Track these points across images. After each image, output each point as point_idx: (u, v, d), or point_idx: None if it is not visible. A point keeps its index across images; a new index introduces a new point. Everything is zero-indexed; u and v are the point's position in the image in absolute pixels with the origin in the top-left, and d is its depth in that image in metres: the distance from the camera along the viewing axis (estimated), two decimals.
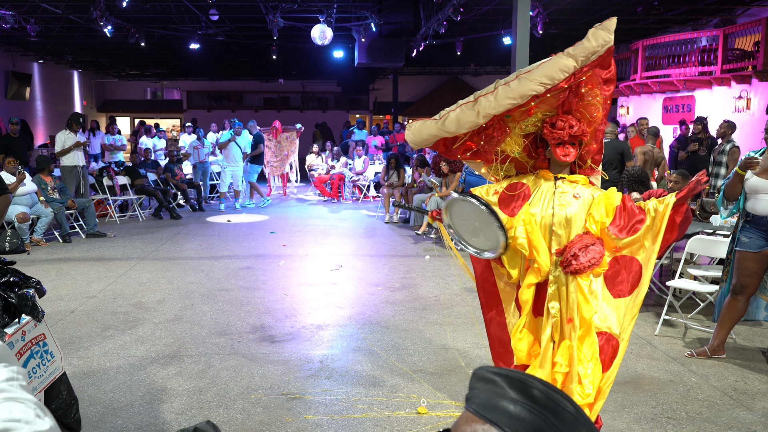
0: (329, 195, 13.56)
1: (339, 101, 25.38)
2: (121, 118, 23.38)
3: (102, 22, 11.75)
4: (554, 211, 2.94)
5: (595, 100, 2.90)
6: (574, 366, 2.87)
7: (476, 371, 0.91)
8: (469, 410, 0.88)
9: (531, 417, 0.83)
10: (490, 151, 3.10)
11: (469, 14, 12.27)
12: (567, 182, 2.99)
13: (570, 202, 2.93)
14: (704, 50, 13.25)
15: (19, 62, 18.13)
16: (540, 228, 2.95)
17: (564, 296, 2.91)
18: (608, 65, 2.89)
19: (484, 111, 2.90)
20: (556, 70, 2.79)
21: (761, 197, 4.04)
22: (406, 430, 3.42)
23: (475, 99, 2.95)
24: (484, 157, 3.17)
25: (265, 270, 7.14)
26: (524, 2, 7.86)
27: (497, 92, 2.88)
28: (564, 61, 2.79)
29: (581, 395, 2.86)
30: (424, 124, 3.13)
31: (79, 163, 9.81)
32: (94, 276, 6.80)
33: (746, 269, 4.18)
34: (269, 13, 12.37)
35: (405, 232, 9.60)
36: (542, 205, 2.97)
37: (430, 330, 5.08)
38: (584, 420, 0.85)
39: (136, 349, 4.61)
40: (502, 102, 2.86)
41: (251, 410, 3.64)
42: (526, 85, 2.81)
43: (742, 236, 4.20)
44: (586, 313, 2.86)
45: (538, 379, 0.87)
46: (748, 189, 4.11)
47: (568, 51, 2.81)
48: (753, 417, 3.58)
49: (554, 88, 2.82)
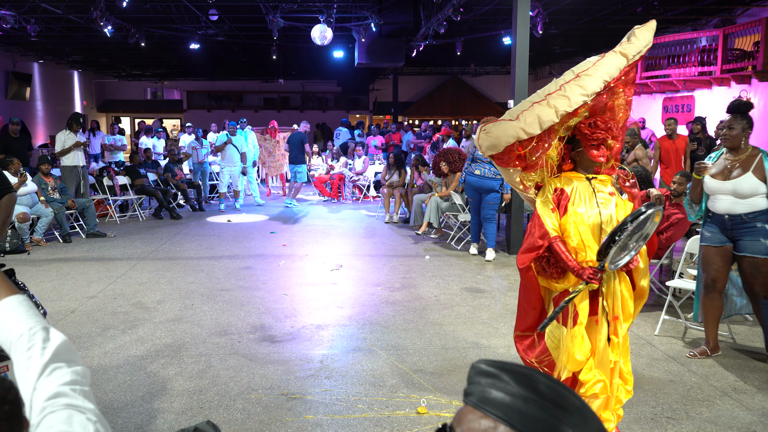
0: (329, 195, 13.56)
1: (339, 101, 25.37)
2: (121, 118, 23.39)
3: (102, 22, 11.74)
4: (600, 209, 2.96)
5: (623, 101, 2.94)
6: (618, 361, 2.96)
7: (475, 365, 0.90)
8: (471, 405, 0.86)
9: (540, 412, 0.81)
10: (541, 156, 2.98)
11: (469, 14, 12.26)
12: (599, 181, 3.03)
13: (609, 200, 2.99)
14: (704, 50, 13.24)
15: (20, 62, 18.12)
16: (589, 227, 2.96)
17: (613, 293, 2.96)
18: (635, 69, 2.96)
19: (561, 110, 2.84)
20: (614, 68, 2.81)
21: (719, 197, 4.28)
22: (406, 430, 3.42)
23: (545, 99, 2.87)
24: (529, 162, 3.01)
25: (265, 270, 7.14)
26: (524, 2, 7.85)
27: (569, 90, 2.83)
28: (620, 59, 2.83)
29: (625, 389, 2.97)
30: (504, 124, 2.92)
31: (80, 163, 9.82)
32: (94, 276, 6.80)
33: (713, 264, 4.38)
34: (269, 13, 12.36)
35: (405, 232, 9.60)
36: (586, 205, 2.98)
37: (430, 330, 5.08)
38: (590, 414, 0.84)
39: (137, 349, 4.61)
40: (576, 99, 2.84)
41: (251, 410, 3.64)
42: (593, 82, 2.82)
43: (705, 231, 4.42)
44: (630, 308, 2.95)
45: (542, 373, 0.86)
46: (707, 190, 4.38)
47: (619, 50, 2.83)
48: (753, 417, 3.58)
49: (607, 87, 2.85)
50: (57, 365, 1.11)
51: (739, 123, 4.17)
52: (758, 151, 4.19)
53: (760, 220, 4.13)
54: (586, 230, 2.94)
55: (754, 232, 4.13)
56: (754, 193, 4.11)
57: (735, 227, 4.21)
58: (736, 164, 4.19)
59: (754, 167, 4.12)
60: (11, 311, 1.20)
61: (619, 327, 2.94)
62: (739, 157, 4.19)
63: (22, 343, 1.14)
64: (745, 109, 4.21)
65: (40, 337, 1.15)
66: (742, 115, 4.19)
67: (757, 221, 4.13)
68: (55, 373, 1.10)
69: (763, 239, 4.11)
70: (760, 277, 4.16)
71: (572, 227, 2.96)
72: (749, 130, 4.19)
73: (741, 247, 4.20)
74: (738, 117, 4.19)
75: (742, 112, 4.19)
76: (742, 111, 4.20)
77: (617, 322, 2.93)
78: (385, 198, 10.92)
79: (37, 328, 1.17)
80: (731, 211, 4.20)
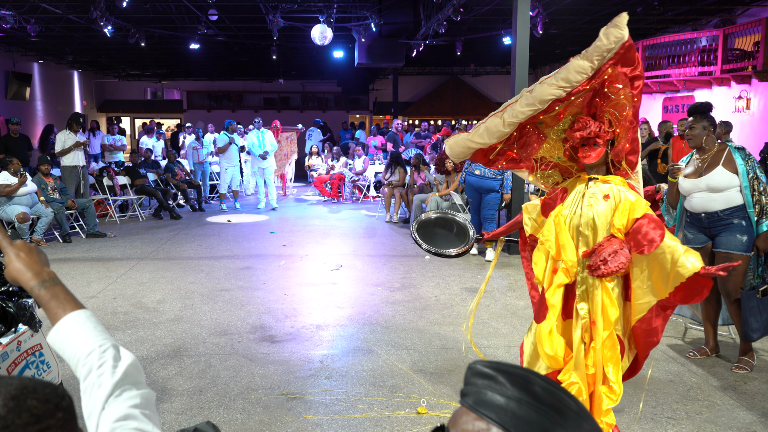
0: (329, 195, 13.56)
1: (339, 101, 25.36)
2: (122, 117, 23.39)
3: (102, 23, 11.74)
4: (582, 211, 2.94)
5: (623, 99, 2.87)
6: (599, 368, 2.89)
7: (472, 366, 0.89)
8: (466, 407, 0.86)
9: (535, 415, 0.81)
10: (530, 158, 3.15)
11: (469, 14, 12.26)
12: (599, 183, 2.98)
13: (598, 202, 2.92)
14: (704, 50, 13.24)
15: (19, 62, 18.11)
16: (569, 228, 2.96)
17: (591, 297, 2.92)
18: (632, 62, 2.84)
19: (508, 120, 2.96)
20: (573, 73, 2.81)
21: (694, 195, 4.31)
22: (406, 430, 3.42)
23: (502, 109, 3.02)
24: (526, 164, 3.22)
25: (265, 270, 7.14)
26: (524, 2, 7.85)
27: (519, 100, 2.92)
28: (580, 63, 2.80)
29: (609, 397, 2.90)
30: (458, 137, 3.24)
31: (80, 163, 9.81)
32: (94, 276, 6.80)
33: None
34: (269, 13, 12.36)
35: (405, 232, 9.60)
36: (572, 206, 2.99)
37: (430, 330, 5.08)
38: (586, 416, 0.83)
39: (136, 349, 4.61)
40: (524, 109, 2.90)
41: (251, 410, 3.64)
42: (545, 90, 2.84)
43: (687, 233, 4.44)
44: (611, 315, 2.87)
45: (539, 375, 0.85)
46: (682, 191, 4.40)
47: (583, 52, 2.82)
48: (753, 417, 3.58)
49: (575, 91, 2.83)
50: (127, 386, 1.10)
51: (700, 122, 4.26)
52: (725, 146, 4.26)
53: (736, 216, 4.16)
54: (562, 231, 2.95)
55: (730, 228, 4.17)
56: (728, 185, 4.15)
57: (712, 225, 4.25)
58: (706, 161, 4.26)
59: (723, 160, 4.19)
60: (79, 326, 1.17)
61: (596, 333, 2.88)
62: (707, 155, 4.27)
63: (92, 359, 1.12)
64: (704, 110, 4.30)
65: (111, 355, 1.13)
66: (701, 115, 4.28)
67: (734, 218, 4.16)
68: (125, 394, 1.09)
69: (739, 235, 4.14)
70: (734, 275, 4.16)
71: (551, 226, 3.00)
72: (711, 128, 4.27)
73: (717, 243, 4.24)
74: (698, 117, 4.28)
75: (701, 112, 4.29)
76: (701, 111, 4.29)
77: (594, 328, 2.89)
78: (385, 198, 10.92)
79: (107, 345, 1.15)
80: (707, 208, 4.23)
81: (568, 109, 2.94)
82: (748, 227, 4.14)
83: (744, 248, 4.14)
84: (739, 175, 4.13)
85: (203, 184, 13.04)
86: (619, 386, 2.91)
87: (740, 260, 4.11)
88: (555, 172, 3.24)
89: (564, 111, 2.94)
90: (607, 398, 2.89)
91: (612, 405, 2.90)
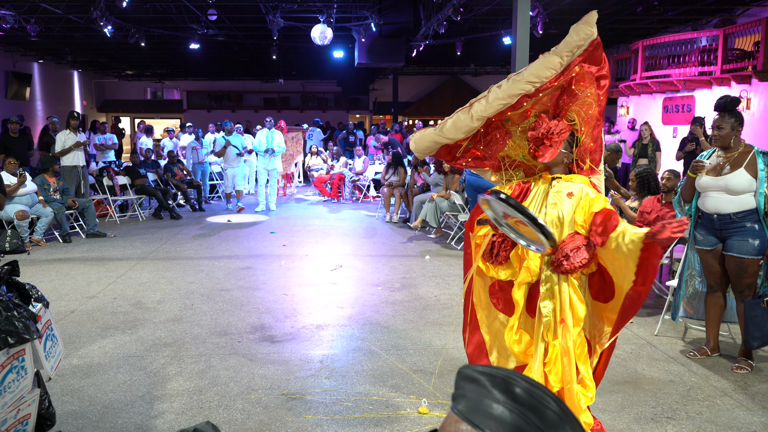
0: (329, 195, 13.56)
1: (339, 101, 25.39)
2: (121, 117, 23.38)
3: (102, 22, 11.75)
4: (546, 210, 2.92)
5: (589, 98, 2.88)
6: (572, 366, 2.84)
7: (461, 370, 0.90)
8: (454, 412, 0.87)
9: (512, 417, 0.81)
10: (495, 156, 3.14)
11: (469, 14, 12.27)
12: (563, 181, 2.96)
13: (563, 201, 2.90)
14: (704, 50, 13.23)
15: (19, 62, 18.12)
16: None
17: (557, 295, 2.88)
18: (599, 61, 2.86)
19: (477, 114, 2.96)
20: (542, 68, 2.84)
21: (710, 194, 4.21)
22: (406, 430, 3.42)
23: (470, 104, 3.02)
24: (490, 163, 3.20)
25: (265, 270, 7.14)
26: (524, 2, 7.86)
27: (489, 95, 2.94)
28: (550, 59, 2.83)
29: (584, 395, 2.85)
30: (425, 132, 3.19)
31: (79, 163, 9.82)
32: (94, 276, 6.80)
33: (709, 266, 4.36)
34: (269, 13, 12.37)
35: (405, 232, 9.60)
36: (535, 205, 2.97)
37: (430, 330, 5.08)
38: (568, 417, 0.83)
39: (137, 349, 4.61)
40: (492, 104, 2.92)
41: (251, 410, 3.64)
42: (515, 86, 2.87)
43: (697, 234, 4.39)
44: (579, 312, 2.84)
45: (521, 376, 0.85)
46: (699, 187, 4.29)
47: (553, 49, 2.85)
48: (753, 417, 3.58)
49: (544, 87, 2.85)
50: None
51: (728, 122, 4.10)
52: (751, 148, 4.14)
53: (748, 219, 4.09)
54: None
55: (742, 232, 4.10)
56: (747, 189, 4.06)
57: (724, 227, 4.18)
58: (729, 161, 4.14)
59: (746, 164, 4.08)
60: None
61: (566, 331, 2.84)
62: (731, 154, 4.14)
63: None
64: (732, 107, 4.12)
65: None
66: (729, 113, 4.11)
67: (746, 221, 4.09)
68: None
69: (751, 239, 4.08)
70: (747, 278, 4.15)
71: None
72: (739, 128, 4.12)
73: (728, 247, 4.17)
74: (726, 116, 4.11)
75: (730, 110, 4.12)
76: (729, 109, 4.12)
77: (563, 326, 2.85)
78: (385, 198, 10.92)
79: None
80: (720, 210, 4.15)
81: (535, 106, 2.95)
82: (761, 231, 4.07)
83: (756, 252, 4.08)
84: (758, 180, 4.04)
85: (203, 184, 13.04)
86: (592, 382, 2.88)
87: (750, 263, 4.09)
88: (519, 171, 3.22)
89: (531, 108, 2.95)
90: (583, 396, 2.85)
91: (589, 403, 2.87)
